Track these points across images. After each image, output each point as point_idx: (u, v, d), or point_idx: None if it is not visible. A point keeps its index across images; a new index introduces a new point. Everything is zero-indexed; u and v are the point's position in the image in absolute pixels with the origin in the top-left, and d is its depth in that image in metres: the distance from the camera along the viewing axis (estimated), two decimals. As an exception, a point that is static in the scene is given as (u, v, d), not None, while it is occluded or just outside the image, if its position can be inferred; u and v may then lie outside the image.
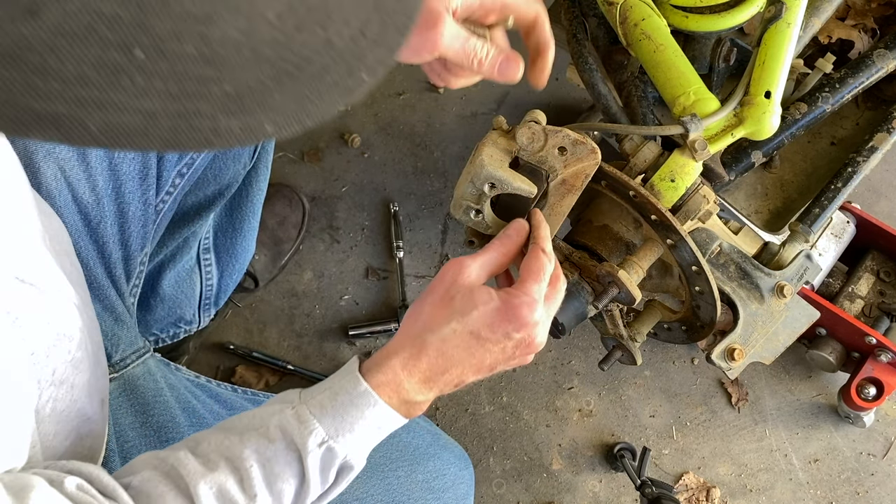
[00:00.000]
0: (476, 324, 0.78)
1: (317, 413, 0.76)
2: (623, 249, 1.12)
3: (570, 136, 0.95)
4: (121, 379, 1.03)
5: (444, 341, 0.78)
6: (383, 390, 0.77)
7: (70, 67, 0.32)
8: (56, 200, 0.97)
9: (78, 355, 0.81)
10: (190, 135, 0.35)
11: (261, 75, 0.35)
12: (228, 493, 0.73)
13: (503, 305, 0.78)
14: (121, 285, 1.06)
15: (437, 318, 0.79)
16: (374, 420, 0.77)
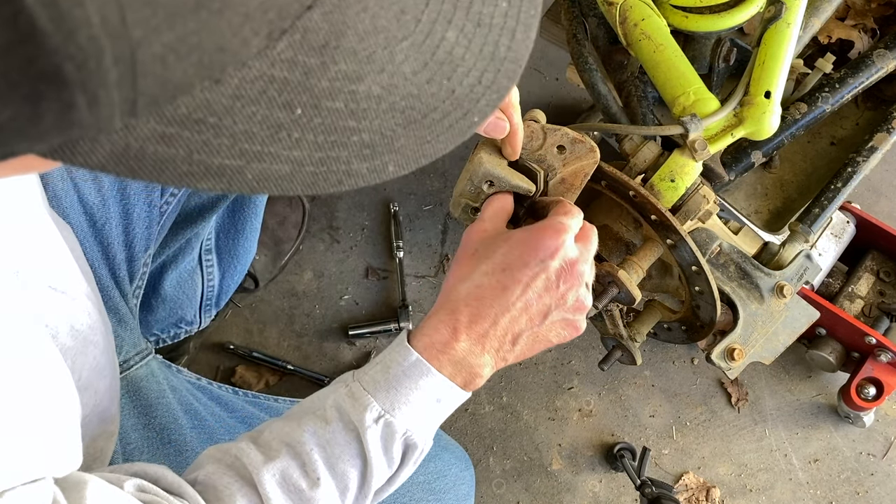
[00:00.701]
0: (505, 259, 0.77)
1: (370, 388, 0.75)
2: (623, 249, 1.12)
3: (568, 134, 0.95)
4: (124, 380, 1.03)
5: (479, 286, 0.77)
6: (432, 354, 0.75)
7: (240, 126, 0.35)
8: (62, 202, 0.97)
9: (101, 361, 0.82)
10: (326, 178, 0.39)
11: (392, 124, 0.39)
12: (291, 479, 0.73)
13: (528, 234, 0.78)
14: (124, 287, 1.06)
15: (465, 270, 0.78)
16: (431, 391, 0.75)
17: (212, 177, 0.36)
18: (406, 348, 0.76)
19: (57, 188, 0.97)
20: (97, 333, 0.81)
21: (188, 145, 0.35)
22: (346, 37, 0.35)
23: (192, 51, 0.31)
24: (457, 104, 0.41)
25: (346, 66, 0.36)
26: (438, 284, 1.67)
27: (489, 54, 0.41)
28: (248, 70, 0.34)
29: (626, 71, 1.18)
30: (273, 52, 0.34)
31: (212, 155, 0.35)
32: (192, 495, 0.71)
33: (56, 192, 0.97)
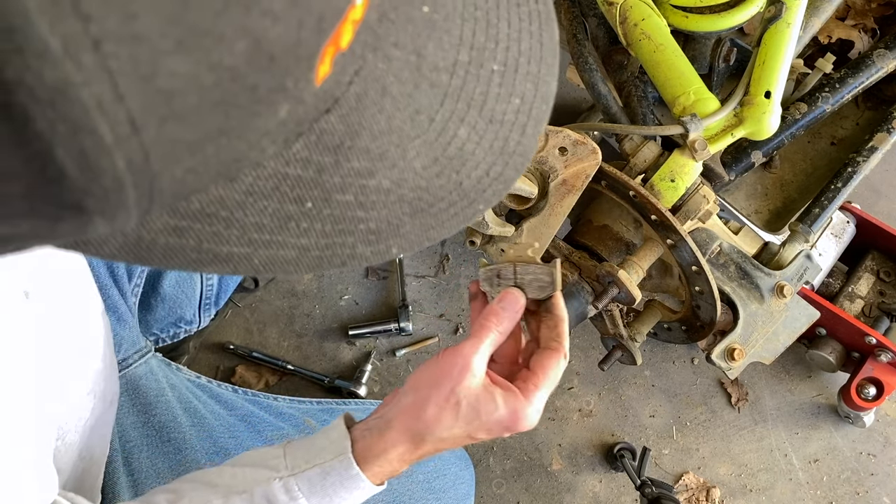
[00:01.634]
0: (476, 429, 0.78)
1: (305, 490, 0.76)
2: (623, 249, 1.12)
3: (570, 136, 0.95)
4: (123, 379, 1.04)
5: (443, 441, 0.78)
6: (377, 474, 0.78)
7: (251, 218, 0.36)
8: None
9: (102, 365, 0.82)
10: (330, 261, 0.40)
11: (400, 213, 0.40)
12: None
13: (507, 417, 0.77)
14: (123, 284, 1.06)
15: (441, 423, 0.77)
16: (361, 496, 0.78)
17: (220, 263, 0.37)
18: (349, 461, 0.77)
19: None
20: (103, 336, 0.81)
21: (199, 236, 0.35)
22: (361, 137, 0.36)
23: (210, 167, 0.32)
24: (463, 195, 0.42)
25: (358, 164, 0.37)
26: (439, 284, 1.67)
27: (499, 149, 0.42)
28: (263, 169, 0.35)
29: (626, 71, 1.18)
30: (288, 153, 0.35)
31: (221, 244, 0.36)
32: None
33: None
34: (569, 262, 1.12)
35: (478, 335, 0.79)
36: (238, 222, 0.36)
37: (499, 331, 0.80)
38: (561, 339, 0.82)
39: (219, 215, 0.35)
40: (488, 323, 0.80)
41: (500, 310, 0.82)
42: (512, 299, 0.82)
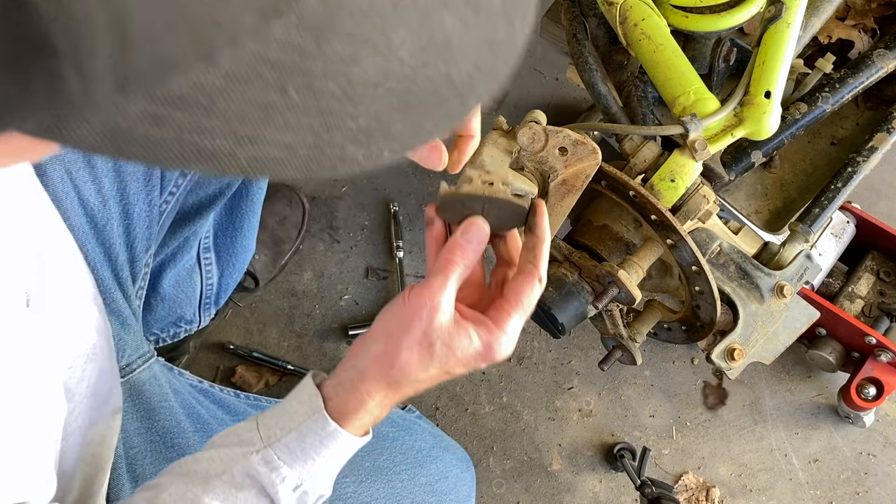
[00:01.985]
0: (453, 366, 0.76)
1: (285, 458, 0.74)
2: (623, 249, 1.12)
3: (570, 136, 0.95)
4: (127, 384, 1.03)
5: (420, 382, 0.76)
6: (359, 429, 0.76)
7: (232, 107, 0.35)
8: (63, 203, 0.97)
9: (106, 366, 0.82)
10: (320, 163, 0.38)
11: (389, 108, 0.38)
12: None
13: (483, 350, 0.75)
14: (127, 288, 1.06)
15: (416, 365, 0.75)
16: (345, 453, 0.76)
17: (204, 160, 0.36)
18: (324, 419, 0.74)
19: (57, 190, 0.96)
20: (102, 337, 0.81)
21: (179, 126, 0.34)
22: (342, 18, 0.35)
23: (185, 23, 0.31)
24: (454, 90, 0.41)
25: (341, 48, 0.36)
26: (438, 284, 1.67)
27: (487, 40, 0.41)
28: (241, 50, 0.34)
29: (626, 71, 1.18)
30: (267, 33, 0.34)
31: (203, 137, 0.35)
32: None
33: (57, 194, 0.96)
34: (569, 262, 1.12)
35: (443, 272, 0.75)
36: (219, 112, 0.35)
37: (464, 265, 0.77)
38: (537, 262, 0.77)
39: (198, 102, 0.34)
40: (453, 258, 0.76)
41: (465, 242, 0.77)
42: (476, 230, 0.78)
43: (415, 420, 1.19)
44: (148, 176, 1.04)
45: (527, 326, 1.70)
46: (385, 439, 1.10)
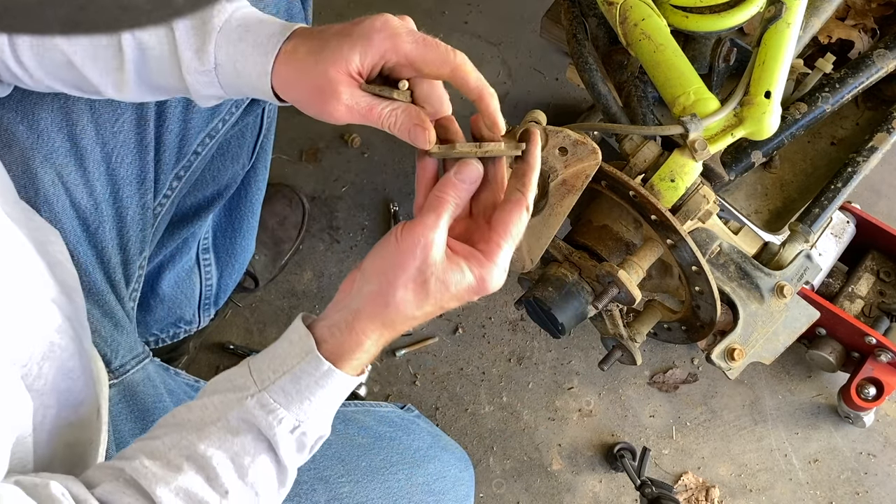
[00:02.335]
0: (447, 301, 0.75)
1: (281, 400, 0.74)
2: (623, 249, 1.12)
3: (570, 136, 0.95)
4: (120, 385, 1.03)
5: (415, 319, 0.76)
6: (355, 369, 0.76)
7: None
8: (54, 206, 0.97)
9: (69, 365, 0.81)
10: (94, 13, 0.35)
11: None
12: (196, 495, 0.72)
13: (476, 284, 0.75)
14: (120, 290, 1.05)
15: (411, 303, 0.75)
16: (341, 392, 0.76)
17: None
18: (318, 359, 0.74)
19: (48, 193, 0.96)
20: (66, 338, 0.80)
21: None
22: None
23: None
24: None
25: None
26: (438, 284, 1.67)
27: None
28: None
29: (626, 71, 1.18)
30: None
31: None
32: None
33: (47, 196, 0.96)
34: (569, 262, 1.12)
35: (435, 210, 0.75)
36: None
37: (456, 203, 0.76)
38: (526, 189, 0.76)
39: None
40: (445, 196, 0.76)
41: (459, 182, 0.77)
42: (470, 171, 0.77)
43: (413, 420, 1.19)
44: (141, 179, 1.04)
45: (527, 326, 1.71)
46: (383, 439, 1.10)
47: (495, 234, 0.75)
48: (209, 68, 0.80)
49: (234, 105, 1.08)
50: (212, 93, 0.83)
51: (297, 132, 1.80)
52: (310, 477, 1.01)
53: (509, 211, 0.76)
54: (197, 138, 1.06)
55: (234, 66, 0.80)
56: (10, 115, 0.95)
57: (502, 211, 0.76)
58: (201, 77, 0.81)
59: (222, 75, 0.81)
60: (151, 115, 1.01)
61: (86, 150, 0.98)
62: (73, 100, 0.96)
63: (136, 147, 1.01)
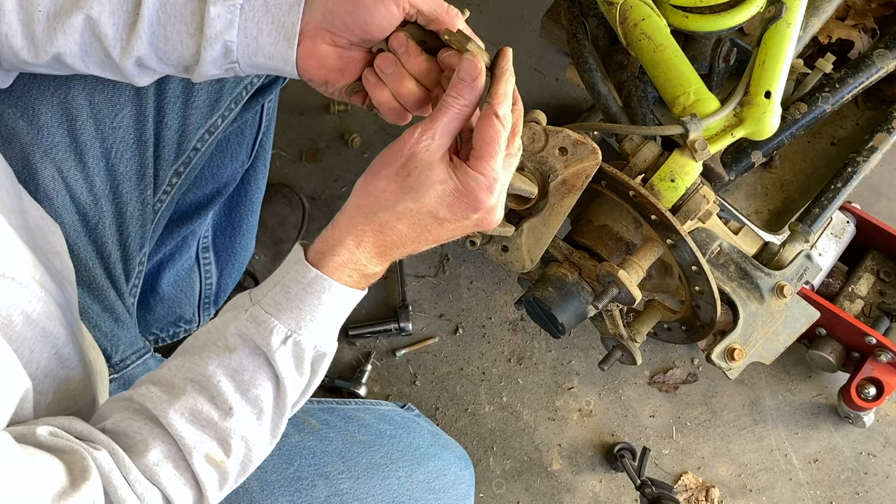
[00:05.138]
0: (433, 204, 0.75)
1: (272, 311, 0.75)
2: (623, 249, 1.12)
3: (570, 136, 0.95)
4: (121, 380, 1.03)
5: (400, 219, 0.76)
6: (342, 271, 0.76)
7: None
8: (54, 201, 0.97)
9: (65, 352, 0.82)
10: None
11: None
12: (201, 413, 0.73)
13: (462, 188, 0.75)
14: (120, 285, 1.05)
15: (391, 195, 0.75)
16: (334, 303, 0.76)
17: None
18: (304, 265, 0.76)
19: (48, 188, 0.96)
20: (56, 324, 0.80)
21: None
22: None
23: None
24: None
25: None
26: (438, 284, 1.67)
27: None
28: None
29: (626, 71, 1.18)
30: None
31: None
32: (103, 440, 0.71)
33: (47, 191, 0.96)
34: (569, 262, 1.12)
35: (436, 111, 0.75)
36: None
37: (460, 104, 0.76)
38: (492, 99, 0.75)
39: None
40: (447, 99, 0.76)
41: (458, 81, 0.76)
42: (469, 66, 0.75)
43: (413, 418, 1.19)
44: (141, 175, 1.04)
45: (527, 326, 1.72)
46: (383, 436, 1.10)
47: (475, 149, 0.76)
48: (237, 2, 0.79)
49: (234, 101, 1.08)
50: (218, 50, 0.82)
51: (297, 132, 1.80)
52: (310, 473, 1.02)
53: (480, 124, 0.76)
54: (196, 134, 1.06)
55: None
56: (11, 111, 0.95)
57: (477, 127, 0.76)
58: (224, 14, 0.79)
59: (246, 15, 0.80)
60: (150, 110, 1.01)
61: (85, 145, 0.98)
62: (72, 95, 0.96)
63: (135, 143, 1.01)
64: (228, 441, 0.75)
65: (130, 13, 0.81)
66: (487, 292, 1.66)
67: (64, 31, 0.81)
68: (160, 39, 0.82)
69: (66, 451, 0.69)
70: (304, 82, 0.87)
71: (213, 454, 0.74)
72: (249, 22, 0.80)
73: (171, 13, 0.81)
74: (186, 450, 0.73)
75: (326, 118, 1.81)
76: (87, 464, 0.69)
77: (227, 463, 0.75)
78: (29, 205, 0.93)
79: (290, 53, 0.81)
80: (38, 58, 0.84)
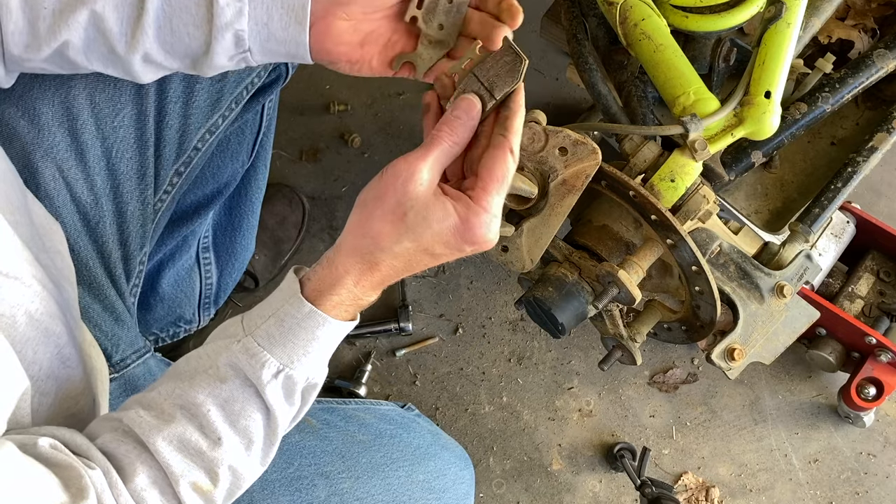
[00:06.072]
0: (430, 242, 0.74)
1: (265, 344, 0.75)
2: (623, 249, 1.12)
3: (570, 136, 0.95)
4: (121, 379, 1.03)
5: (397, 258, 0.75)
6: (339, 308, 0.76)
7: None
8: (55, 201, 0.97)
9: (66, 352, 0.82)
10: None
11: None
12: (189, 442, 0.73)
13: (461, 225, 0.74)
14: (121, 285, 1.06)
15: (388, 236, 0.74)
16: (328, 337, 0.76)
17: None
18: (299, 300, 0.75)
19: (49, 187, 0.96)
20: (58, 323, 0.81)
21: None
22: None
23: None
24: None
25: None
26: (438, 284, 1.67)
27: None
28: None
29: (626, 71, 1.18)
30: None
31: None
32: (99, 459, 0.72)
33: (48, 191, 0.96)
34: (569, 262, 1.12)
35: (426, 146, 0.75)
36: None
37: (452, 141, 0.75)
38: (508, 133, 0.75)
39: None
40: (440, 133, 0.75)
41: (454, 119, 0.76)
42: (467, 105, 0.76)
43: (413, 418, 1.19)
44: (141, 174, 1.04)
45: (527, 326, 1.72)
46: (383, 436, 1.10)
47: (481, 179, 0.75)
48: None
49: (234, 101, 1.08)
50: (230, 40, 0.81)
51: (298, 132, 1.80)
52: (310, 472, 1.02)
53: (493, 156, 0.75)
54: (197, 134, 1.06)
55: None
56: (12, 111, 0.95)
57: (487, 157, 0.75)
58: (234, 3, 0.79)
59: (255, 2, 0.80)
60: (151, 110, 1.01)
61: (86, 145, 0.98)
62: (73, 95, 0.96)
63: (136, 142, 1.01)
64: (216, 471, 0.74)
65: (135, 7, 0.81)
66: (487, 292, 1.66)
67: (68, 25, 0.81)
68: (166, 32, 0.82)
69: (65, 467, 0.69)
70: (305, 82, 0.87)
71: (200, 483, 0.74)
72: (259, 8, 0.80)
73: (176, 6, 0.81)
74: (173, 478, 0.73)
75: (326, 118, 1.81)
76: (84, 482, 0.68)
77: (213, 492, 0.75)
78: (33, 203, 0.93)
79: (302, 36, 0.81)
80: (40, 52, 0.84)
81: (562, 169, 0.97)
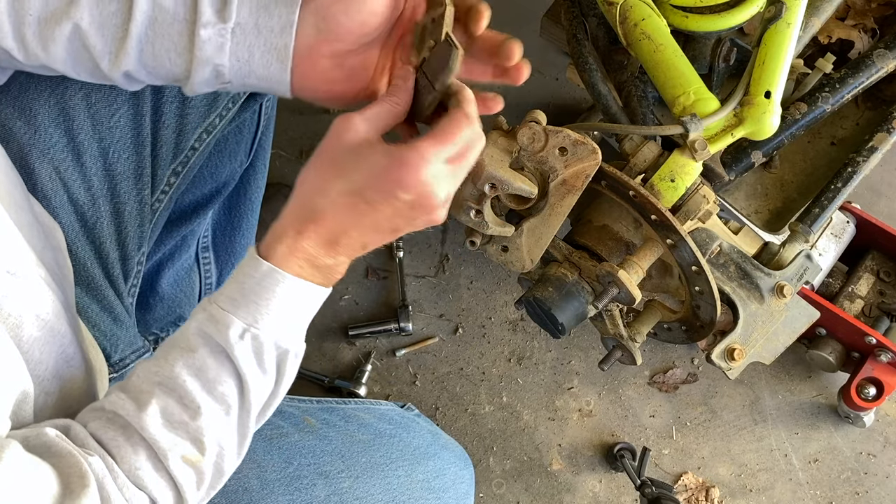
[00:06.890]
0: (359, 183, 0.74)
1: (228, 307, 0.75)
2: (623, 249, 1.12)
3: (570, 136, 0.95)
4: (120, 378, 1.03)
5: (334, 203, 0.75)
6: (289, 261, 0.76)
7: None
8: (52, 202, 0.97)
9: (70, 352, 0.82)
10: None
11: None
12: (172, 416, 0.74)
13: (389, 164, 0.73)
14: (119, 285, 1.05)
15: (322, 180, 0.75)
16: (289, 296, 0.77)
17: None
18: (255, 259, 0.76)
19: (46, 188, 0.96)
20: (63, 323, 0.81)
21: None
22: None
23: None
24: None
25: None
26: (439, 284, 1.67)
27: None
28: None
29: (626, 71, 1.18)
30: None
31: None
32: (95, 447, 0.73)
33: (45, 191, 0.96)
34: (569, 262, 1.12)
35: (370, 104, 0.78)
36: None
37: (392, 101, 0.78)
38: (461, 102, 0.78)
39: None
40: (381, 97, 0.80)
41: (393, 85, 0.80)
42: (404, 73, 0.80)
43: (413, 418, 1.19)
44: (138, 174, 1.04)
45: (527, 326, 1.72)
46: (382, 436, 1.10)
47: (431, 131, 0.76)
48: (228, 26, 0.79)
49: (231, 101, 1.08)
50: (209, 73, 0.82)
51: (298, 131, 1.80)
52: (310, 472, 1.02)
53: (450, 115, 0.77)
54: (194, 133, 1.06)
55: (256, 22, 0.79)
56: (8, 111, 0.95)
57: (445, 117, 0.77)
58: (215, 38, 0.79)
59: (237, 39, 0.80)
60: (148, 110, 1.01)
61: (83, 145, 0.98)
62: (69, 95, 0.96)
63: (132, 142, 1.01)
64: (201, 440, 0.75)
65: (119, 28, 0.81)
66: (487, 292, 1.67)
67: (53, 38, 0.81)
68: (148, 56, 0.82)
69: (65, 456, 0.70)
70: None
71: (189, 454, 0.75)
72: (241, 45, 0.80)
73: (158, 32, 0.81)
74: (162, 453, 0.74)
75: (326, 118, 1.81)
76: (84, 469, 0.69)
77: (202, 462, 0.76)
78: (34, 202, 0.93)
79: (283, 75, 0.82)
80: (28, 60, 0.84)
81: (562, 169, 0.97)
